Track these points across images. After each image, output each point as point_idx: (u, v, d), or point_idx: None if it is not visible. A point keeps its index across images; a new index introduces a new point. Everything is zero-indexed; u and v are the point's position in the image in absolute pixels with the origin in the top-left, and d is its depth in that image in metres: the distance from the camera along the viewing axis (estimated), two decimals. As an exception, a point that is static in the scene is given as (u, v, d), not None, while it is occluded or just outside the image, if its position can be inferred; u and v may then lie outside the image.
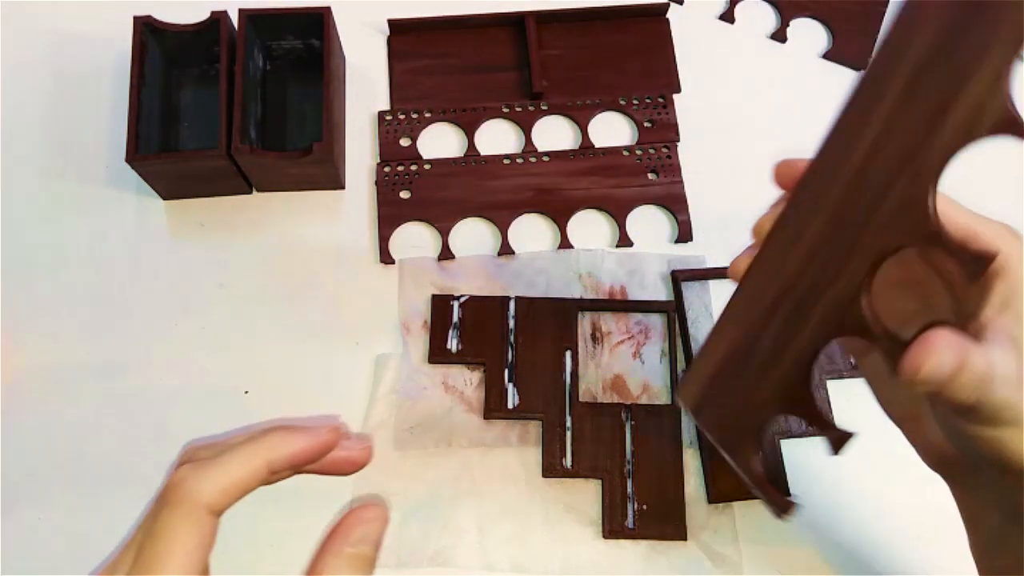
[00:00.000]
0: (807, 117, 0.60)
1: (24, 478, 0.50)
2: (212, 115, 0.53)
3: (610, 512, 0.49)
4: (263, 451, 0.28)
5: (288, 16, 0.55)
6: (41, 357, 0.52)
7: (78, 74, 0.60)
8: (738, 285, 0.35)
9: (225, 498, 0.28)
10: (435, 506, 0.49)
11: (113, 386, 0.52)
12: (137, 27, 0.53)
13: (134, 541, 0.28)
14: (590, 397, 0.52)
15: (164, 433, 0.51)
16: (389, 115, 0.59)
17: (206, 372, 0.52)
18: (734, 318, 0.35)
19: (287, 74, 0.59)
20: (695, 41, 0.62)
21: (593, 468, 0.50)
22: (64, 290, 0.54)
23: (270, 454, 0.28)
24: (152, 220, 0.56)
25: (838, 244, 0.31)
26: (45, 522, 0.49)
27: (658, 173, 0.58)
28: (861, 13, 0.63)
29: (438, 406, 0.51)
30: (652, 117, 0.59)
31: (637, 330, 0.54)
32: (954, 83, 0.27)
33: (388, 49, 0.61)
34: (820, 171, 0.32)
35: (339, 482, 0.49)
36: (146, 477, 0.50)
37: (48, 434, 0.51)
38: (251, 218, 0.56)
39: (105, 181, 0.57)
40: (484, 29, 0.61)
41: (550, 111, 0.60)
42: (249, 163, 0.52)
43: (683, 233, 0.56)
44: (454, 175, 0.57)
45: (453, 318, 0.53)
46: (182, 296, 0.54)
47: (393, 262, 0.55)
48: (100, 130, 0.58)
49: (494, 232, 0.56)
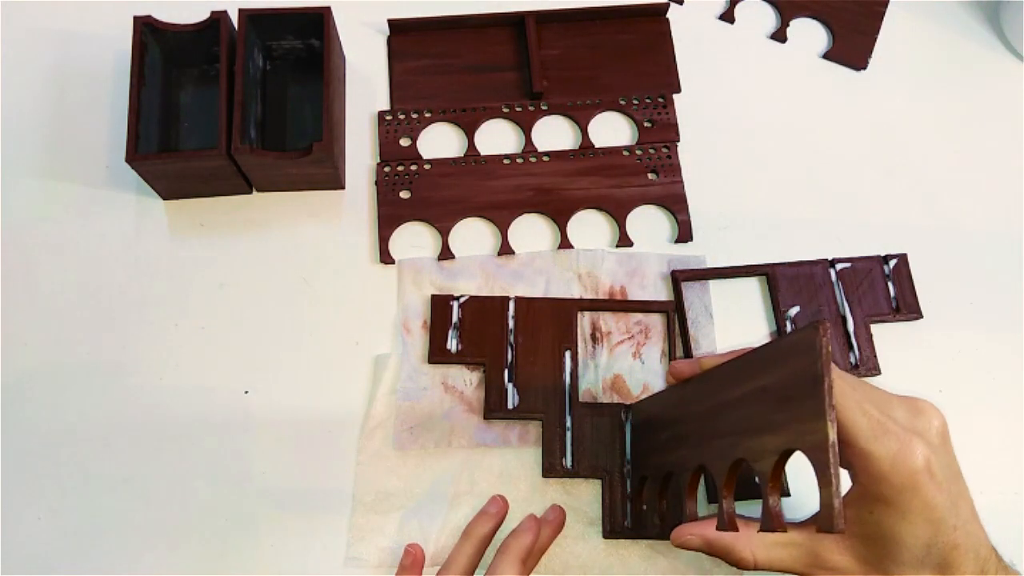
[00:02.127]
0: (807, 117, 0.61)
1: (24, 478, 0.50)
2: (212, 115, 0.53)
3: (610, 512, 0.49)
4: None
5: (288, 16, 0.55)
6: (41, 357, 0.52)
7: (78, 74, 0.60)
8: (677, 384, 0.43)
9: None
10: (435, 506, 0.49)
11: (113, 386, 0.52)
12: (137, 27, 0.53)
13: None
14: (590, 397, 0.52)
15: (164, 433, 0.51)
16: (389, 115, 0.59)
17: (206, 372, 0.52)
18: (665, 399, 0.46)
19: (287, 74, 0.59)
20: (695, 41, 0.62)
21: (593, 468, 0.49)
22: (64, 290, 0.54)
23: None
24: (152, 220, 0.56)
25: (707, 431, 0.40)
26: (45, 522, 0.49)
27: (658, 173, 0.58)
28: (861, 13, 0.63)
29: (438, 406, 0.51)
30: (652, 117, 0.59)
31: (637, 330, 0.54)
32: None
33: (388, 49, 0.61)
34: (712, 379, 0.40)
35: (339, 482, 0.50)
36: (146, 477, 0.50)
37: (48, 434, 0.51)
38: (251, 218, 0.56)
39: (105, 181, 0.57)
40: (484, 29, 0.61)
41: (550, 111, 0.60)
42: (249, 163, 0.52)
43: (683, 233, 0.56)
44: (454, 175, 0.57)
45: (453, 318, 0.53)
46: (182, 296, 0.54)
47: (393, 262, 0.55)
48: (100, 130, 0.58)
49: (494, 232, 0.56)
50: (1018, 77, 0.62)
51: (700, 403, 0.41)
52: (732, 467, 0.37)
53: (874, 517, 0.35)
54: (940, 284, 0.55)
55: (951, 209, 0.58)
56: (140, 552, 0.48)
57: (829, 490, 0.30)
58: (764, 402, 0.35)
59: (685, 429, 0.42)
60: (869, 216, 0.57)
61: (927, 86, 0.62)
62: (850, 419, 0.35)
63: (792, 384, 0.33)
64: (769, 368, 0.35)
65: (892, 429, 0.35)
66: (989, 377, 0.53)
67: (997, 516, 0.39)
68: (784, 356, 0.34)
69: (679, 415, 0.43)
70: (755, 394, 0.36)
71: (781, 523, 0.34)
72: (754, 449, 0.35)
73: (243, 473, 0.50)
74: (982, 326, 0.55)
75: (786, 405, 0.33)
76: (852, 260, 0.55)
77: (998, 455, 0.51)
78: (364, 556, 0.48)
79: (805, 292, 0.54)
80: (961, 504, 0.35)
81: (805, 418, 0.32)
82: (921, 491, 0.34)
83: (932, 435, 0.36)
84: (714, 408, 0.39)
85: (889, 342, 0.53)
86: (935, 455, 0.35)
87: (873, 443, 0.34)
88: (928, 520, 0.34)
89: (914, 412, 0.36)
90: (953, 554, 0.35)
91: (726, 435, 0.37)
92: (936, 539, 0.35)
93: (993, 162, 0.60)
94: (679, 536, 0.40)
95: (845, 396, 0.35)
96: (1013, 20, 0.62)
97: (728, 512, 0.37)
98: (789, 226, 0.57)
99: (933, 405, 0.37)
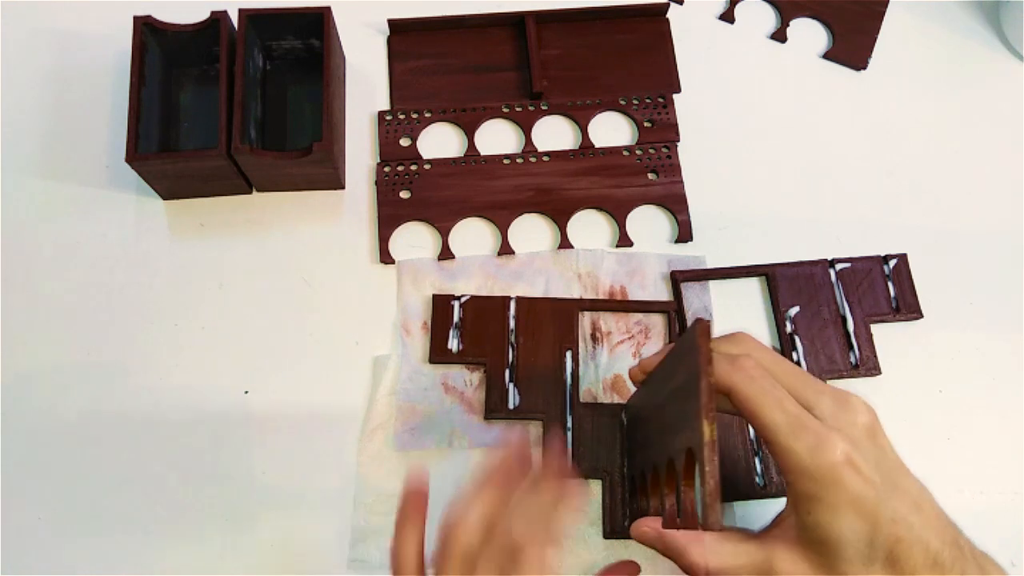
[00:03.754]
0: (807, 117, 0.61)
1: (24, 478, 0.50)
2: (212, 115, 0.53)
3: (610, 512, 0.49)
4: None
5: (288, 16, 0.55)
6: (41, 357, 0.52)
7: (78, 74, 0.60)
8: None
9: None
10: (435, 507, 0.49)
11: (113, 386, 0.52)
12: (137, 27, 0.53)
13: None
14: (590, 397, 0.52)
15: (164, 433, 0.51)
16: (389, 115, 0.59)
17: (206, 372, 0.52)
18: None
19: (287, 74, 0.59)
20: (695, 41, 0.62)
21: (593, 468, 0.50)
22: (64, 290, 0.54)
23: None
24: (152, 220, 0.56)
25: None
26: (45, 522, 0.49)
27: (658, 173, 0.58)
28: (861, 13, 0.63)
29: (438, 407, 0.51)
30: (652, 117, 0.59)
31: (637, 330, 0.54)
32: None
33: (388, 49, 0.61)
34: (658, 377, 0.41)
35: (339, 483, 0.50)
36: (146, 477, 0.50)
37: (48, 434, 0.51)
38: (251, 218, 0.56)
39: (105, 181, 0.57)
40: (484, 29, 0.61)
41: (550, 111, 0.60)
42: (249, 163, 0.52)
43: (683, 233, 0.56)
44: (454, 175, 0.57)
45: (454, 318, 0.53)
46: (182, 296, 0.54)
47: (393, 262, 0.55)
48: (100, 130, 0.58)
49: (494, 232, 0.56)
50: (1018, 77, 0.62)
51: (652, 402, 0.41)
52: (668, 464, 0.37)
53: (812, 519, 0.35)
54: (940, 284, 0.55)
55: (951, 209, 0.58)
56: (140, 552, 0.48)
57: (705, 488, 0.31)
58: (679, 401, 0.36)
59: (649, 428, 0.43)
60: (869, 216, 0.57)
61: (927, 86, 0.62)
62: (767, 416, 0.35)
63: (688, 383, 0.34)
64: (677, 368, 0.36)
65: (809, 425, 0.35)
66: (989, 377, 0.53)
67: (997, 516, 0.39)
68: (682, 356, 0.35)
69: (646, 415, 0.43)
70: (673, 393, 0.36)
71: (693, 522, 0.35)
72: (674, 447, 0.36)
73: (243, 473, 0.50)
74: (982, 326, 0.55)
75: (687, 403, 0.34)
76: (852, 260, 0.55)
77: (998, 455, 0.51)
78: (366, 557, 0.48)
79: (805, 292, 0.54)
80: (898, 497, 0.35)
81: (693, 416, 0.33)
82: (844, 484, 0.34)
83: (855, 429, 0.36)
84: (658, 407, 0.40)
85: (889, 342, 0.53)
86: (857, 448, 0.35)
87: (791, 439, 0.35)
88: (859, 514, 0.34)
89: (840, 406, 0.36)
90: (898, 548, 0.35)
91: (666, 433, 0.38)
92: (876, 533, 0.34)
93: (993, 162, 0.60)
94: (636, 528, 0.40)
95: (764, 393, 0.35)
96: (1013, 20, 0.62)
97: (668, 510, 0.38)
98: (789, 226, 0.57)
99: (863, 400, 0.37)
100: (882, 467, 0.35)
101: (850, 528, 0.34)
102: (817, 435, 0.34)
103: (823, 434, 0.34)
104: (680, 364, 0.35)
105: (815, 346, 0.53)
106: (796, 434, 0.35)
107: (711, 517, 0.31)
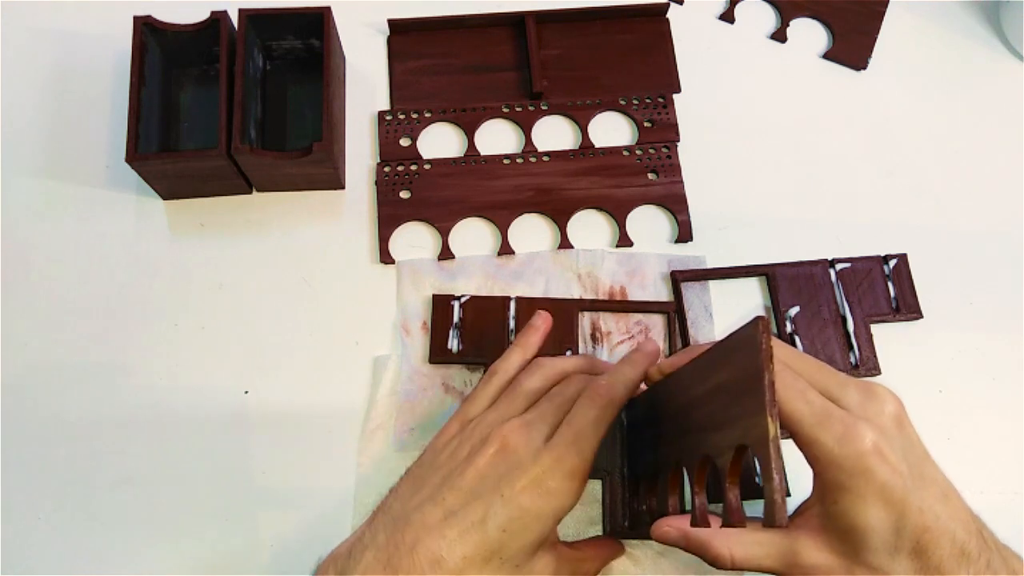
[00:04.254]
0: (807, 117, 0.61)
1: (24, 478, 0.50)
2: (212, 115, 0.53)
3: (610, 512, 0.49)
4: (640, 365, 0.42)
5: (288, 16, 0.55)
6: (41, 357, 0.52)
7: (78, 74, 0.60)
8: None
9: (628, 394, 0.41)
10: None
11: (113, 386, 0.52)
12: (137, 27, 0.53)
13: (544, 418, 0.41)
14: (590, 397, 0.52)
15: (164, 433, 0.51)
16: (389, 115, 0.59)
17: (206, 372, 0.52)
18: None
19: (287, 74, 0.59)
20: (695, 41, 0.62)
21: (593, 468, 0.49)
22: (64, 290, 0.54)
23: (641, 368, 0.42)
24: (152, 220, 0.56)
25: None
26: (45, 522, 0.49)
27: (658, 173, 0.58)
28: (861, 13, 0.63)
29: (438, 407, 0.51)
30: (652, 117, 0.59)
31: (637, 330, 0.54)
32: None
33: (388, 49, 0.61)
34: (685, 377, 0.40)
35: (339, 483, 0.50)
36: (146, 477, 0.50)
37: (48, 434, 0.51)
38: (251, 218, 0.56)
39: (105, 181, 0.57)
40: (484, 29, 0.61)
41: (550, 111, 0.60)
42: (249, 163, 0.52)
43: (683, 233, 0.56)
44: (454, 175, 0.57)
45: (454, 318, 0.53)
46: (182, 296, 0.54)
47: (393, 262, 0.55)
48: (100, 130, 0.58)
49: (494, 232, 0.56)
50: (1018, 77, 0.62)
51: (674, 401, 0.41)
52: (700, 463, 0.37)
53: (839, 508, 0.35)
54: (940, 284, 0.55)
55: (951, 209, 0.58)
56: (140, 552, 0.48)
57: (771, 484, 0.31)
58: (721, 398, 0.35)
59: (664, 427, 0.42)
60: (869, 216, 0.57)
61: (927, 86, 0.62)
62: (792, 408, 0.35)
63: (741, 379, 0.34)
64: (723, 365, 0.36)
65: (836, 415, 0.35)
66: (989, 377, 0.53)
67: (997, 516, 0.39)
68: (733, 352, 0.35)
69: (659, 414, 0.43)
70: (714, 391, 0.36)
71: (740, 518, 0.34)
72: (715, 445, 0.35)
73: (243, 473, 0.50)
74: (982, 326, 0.55)
75: (738, 400, 0.34)
76: (852, 260, 0.55)
77: (998, 455, 0.51)
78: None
79: (805, 292, 0.54)
80: (926, 486, 0.35)
81: (750, 413, 0.32)
82: (873, 473, 0.34)
83: (884, 418, 0.36)
84: (685, 406, 0.40)
85: (889, 342, 0.53)
86: (885, 437, 0.35)
87: (817, 430, 0.35)
88: (887, 502, 0.34)
89: (867, 396, 0.36)
90: (925, 537, 0.35)
91: (696, 432, 0.38)
92: (903, 522, 0.34)
93: (993, 162, 0.60)
94: (658, 528, 0.40)
95: (787, 387, 0.35)
96: (1013, 20, 0.62)
97: (700, 508, 0.37)
98: (789, 226, 0.57)
99: (888, 389, 0.37)
100: (910, 457, 0.35)
101: (877, 517, 0.34)
102: (845, 424, 0.34)
103: (851, 423, 0.34)
104: (728, 361, 0.35)
105: (815, 346, 0.53)
106: (823, 424, 0.35)
107: (778, 514, 0.30)
